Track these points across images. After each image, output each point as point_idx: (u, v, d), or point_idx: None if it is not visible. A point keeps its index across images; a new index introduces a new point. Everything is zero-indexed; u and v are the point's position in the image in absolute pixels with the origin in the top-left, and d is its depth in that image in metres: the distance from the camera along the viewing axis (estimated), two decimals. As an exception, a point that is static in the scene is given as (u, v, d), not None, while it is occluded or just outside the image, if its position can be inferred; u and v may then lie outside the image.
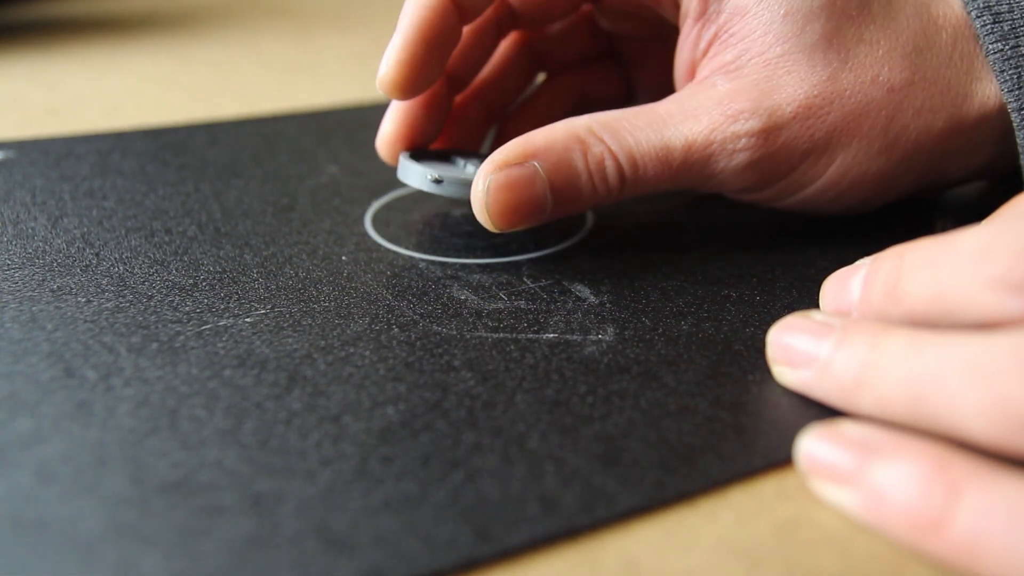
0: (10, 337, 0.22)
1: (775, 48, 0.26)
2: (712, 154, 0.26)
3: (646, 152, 0.26)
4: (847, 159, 0.26)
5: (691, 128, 0.26)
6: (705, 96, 0.26)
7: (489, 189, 0.25)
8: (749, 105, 0.26)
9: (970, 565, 0.15)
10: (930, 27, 0.27)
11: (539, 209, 0.26)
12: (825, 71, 0.26)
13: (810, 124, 0.26)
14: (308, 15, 0.68)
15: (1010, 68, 0.26)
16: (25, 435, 0.19)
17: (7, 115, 0.42)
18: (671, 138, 0.26)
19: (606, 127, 0.26)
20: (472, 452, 0.19)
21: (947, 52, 0.27)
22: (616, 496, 0.18)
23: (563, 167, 0.26)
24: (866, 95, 0.26)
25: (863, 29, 0.26)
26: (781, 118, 0.26)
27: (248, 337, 0.23)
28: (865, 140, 0.26)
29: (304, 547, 0.16)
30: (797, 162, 0.26)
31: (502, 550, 0.16)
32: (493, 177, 0.25)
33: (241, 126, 0.41)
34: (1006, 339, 0.16)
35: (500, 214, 0.26)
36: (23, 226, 0.29)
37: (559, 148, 0.26)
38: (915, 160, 0.27)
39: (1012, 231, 0.18)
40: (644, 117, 0.26)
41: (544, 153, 0.26)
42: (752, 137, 0.26)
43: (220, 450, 0.19)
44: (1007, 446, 0.16)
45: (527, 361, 0.22)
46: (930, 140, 0.27)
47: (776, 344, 0.21)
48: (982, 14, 0.26)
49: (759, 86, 0.26)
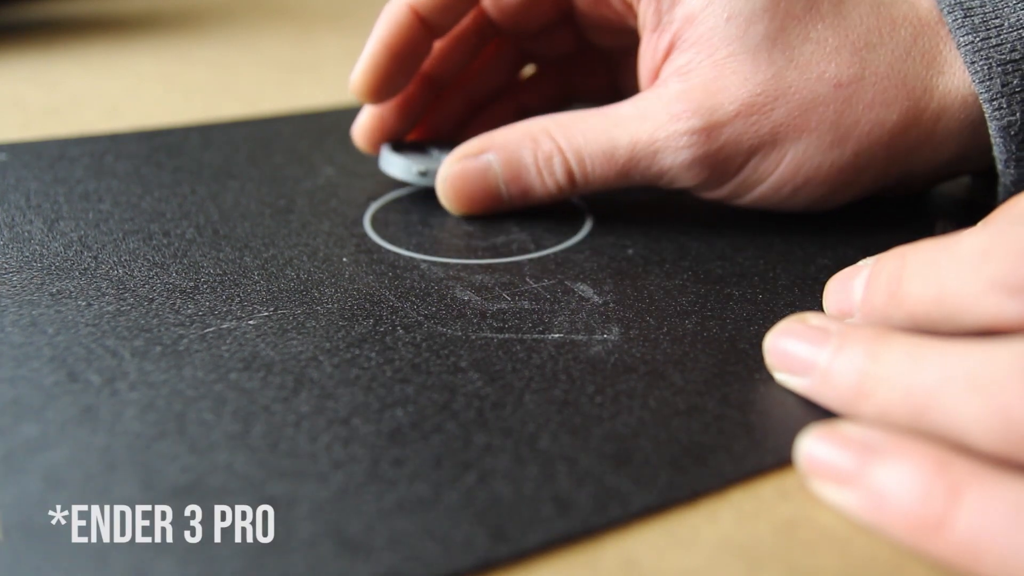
0: (11, 342, 0.22)
1: (721, 50, 0.27)
2: (656, 151, 0.27)
3: (594, 151, 0.28)
4: (797, 154, 0.27)
5: (637, 127, 0.28)
6: (655, 97, 0.28)
7: (446, 177, 0.30)
8: (692, 105, 0.27)
9: (971, 566, 0.15)
10: (885, 24, 0.27)
11: (493, 198, 0.30)
12: (769, 70, 0.27)
13: (754, 121, 0.27)
14: (308, 15, 0.68)
15: (980, 59, 0.26)
16: (32, 440, 0.19)
17: (7, 115, 0.42)
18: (618, 137, 0.28)
19: (560, 126, 0.29)
20: (484, 453, 0.19)
21: (904, 47, 0.27)
22: (630, 496, 0.18)
23: (513, 162, 0.29)
24: (812, 91, 0.27)
25: (810, 28, 0.27)
26: (723, 116, 0.27)
27: (252, 340, 0.23)
28: (815, 135, 0.27)
29: (320, 550, 0.16)
30: (744, 159, 0.27)
31: (519, 551, 0.16)
32: (450, 166, 0.30)
33: (235, 128, 0.40)
34: (1007, 349, 0.16)
35: (455, 199, 0.30)
36: (19, 229, 0.29)
37: (512, 144, 0.29)
38: (872, 154, 0.27)
39: (1012, 233, 0.18)
40: (598, 118, 0.28)
41: (499, 148, 0.29)
42: (693, 135, 0.27)
43: (230, 454, 0.19)
44: (1010, 456, 0.16)
45: (534, 361, 0.22)
46: (885, 133, 0.27)
47: (774, 351, 0.21)
48: (953, 9, 0.27)
49: (706, 86, 0.27)
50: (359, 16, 0.67)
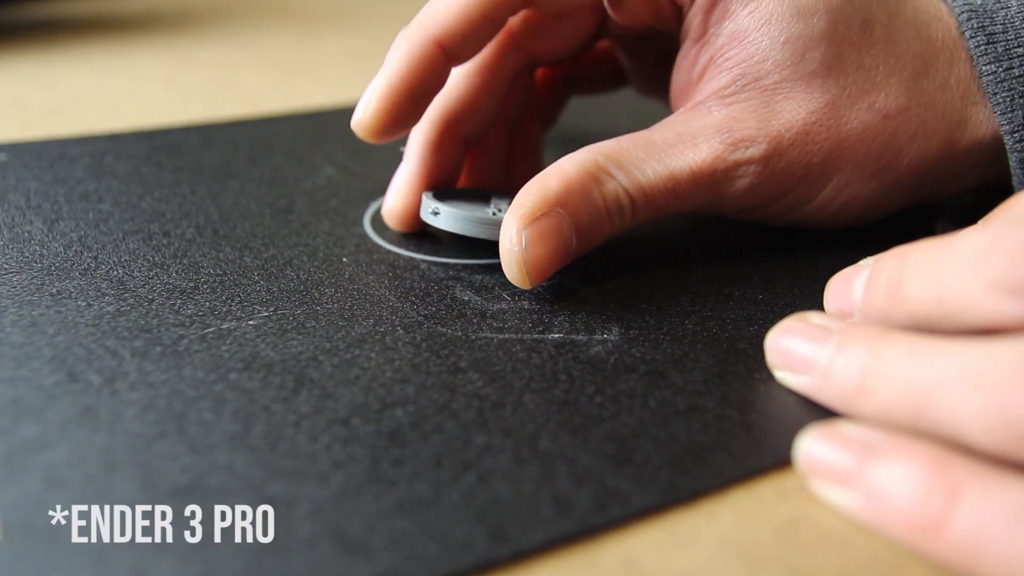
0: (11, 342, 0.22)
1: (773, 75, 0.26)
2: (716, 180, 0.26)
3: (654, 183, 0.25)
4: (840, 183, 0.27)
5: (692, 156, 0.26)
6: (702, 123, 0.26)
7: (526, 246, 0.24)
8: (749, 133, 0.26)
9: (970, 566, 0.15)
10: (929, 50, 0.27)
11: (567, 254, 0.25)
12: (823, 97, 0.26)
13: (808, 150, 0.26)
14: (308, 15, 0.68)
15: (1003, 90, 0.26)
16: (31, 440, 0.19)
17: (7, 115, 0.42)
18: (677, 167, 0.25)
19: (612, 160, 0.25)
20: (484, 453, 0.19)
21: (943, 76, 0.27)
22: (630, 496, 0.18)
23: (585, 208, 0.25)
24: (862, 121, 0.26)
25: (863, 55, 0.26)
26: (781, 144, 0.26)
27: (252, 340, 0.23)
28: (859, 165, 0.27)
29: (320, 550, 0.16)
30: (792, 187, 0.27)
31: (519, 551, 0.16)
32: (527, 232, 0.24)
33: (235, 127, 0.40)
34: (1006, 347, 0.16)
35: (538, 269, 0.24)
36: (19, 230, 0.29)
37: (577, 189, 0.25)
38: (906, 183, 0.27)
39: (1012, 234, 0.18)
40: (644, 148, 0.26)
41: (565, 196, 0.24)
42: (754, 164, 0.26)
43: (230, 454, 0.19)
44: (1009, 455, 0.16)
45: (534, 361, 0.22)
46: (923, 164, 0.27)
47: (775, 349, 0.21)
48: (976, 34, 0.26)
49: (757, 112, 0.26)
50: (359, 16, 0.67)
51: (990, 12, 0.26)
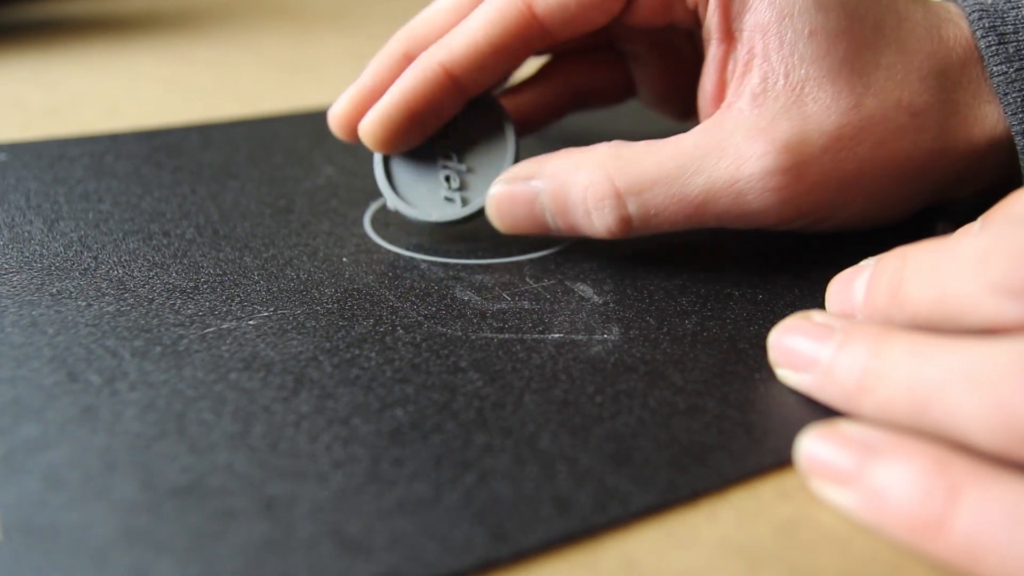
0: (11, 342, 0.22)
1: (799, 70, 0.25)
2: (739, 192, 0.24)
3: (659, 193, 0.25)
4: (872, 188, 0.26)
5: (713, 165, 0.24)
6: (727, 128, 0.25)
7: (492, 196, 0.27)
8: (776, 137, 0.24)
9: (970, 566, 0.15)
10: (941, 49, 0.26)
11: (540, 226, 0.27)
12: (851, 98, 0.25)
13: (842, 157, 0.25)
14: (308, 15, 0.68)
15: (1014, 91, 0.25)
16: (31, 440, 0.19)
17: (7, 115, 0.42)
18: (691, 177, 0.24)
19: (620, 165, 0.25)
20: (484, 453, 0.19)
21: (957, 75, 0.26)
22: (630, 496, 0.18)
23: (560, 197, 0.26)
24: (892, 120, 0.25)
25: (879, 54, 0.25)
26: (812, 151, 0.24)
27: (252, 340, 0.23)
28: (891, 167, 0.25)
29: (320, 550, 0.16)
30: (827, 197, 0.25)
31: (519, 551, 0.16)
32: (497, 188, 0.27)
33: (235, 127, 0.40)
34: (1007, 347, 0.16)
35: (500, 220, 0.27)
36: (19, 229, 0.29)
37: (562, 176, 0.26)
38: (928, 183, 0.26)
39: (1012, 236, 0.18)
40: (664, 154, 0.25)
41: (549, 177, 0.26)
42: (782, 174, 0.24)
43: (230, 454, 0.19)
44: (1009, 454, 0.16)
45: (534, 361, 0.22)
46: (945, 163, 0.26)
47: (777, 347, 0.21)
48: (987, 34, 0.26)
49: (787, 114, 0.25)
50: (359, 16, 0.67)
51: (1001, 12, 0.26)
